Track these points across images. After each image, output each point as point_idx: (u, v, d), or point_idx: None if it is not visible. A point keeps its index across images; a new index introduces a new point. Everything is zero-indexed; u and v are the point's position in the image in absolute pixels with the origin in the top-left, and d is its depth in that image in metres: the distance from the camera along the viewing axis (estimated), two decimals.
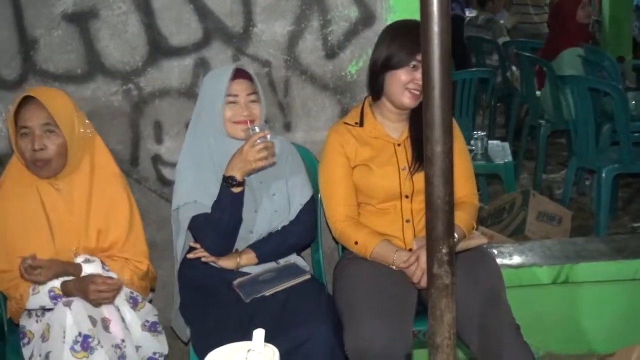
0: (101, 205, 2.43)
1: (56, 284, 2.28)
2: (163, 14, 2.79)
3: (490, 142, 4.77)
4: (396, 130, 2.55)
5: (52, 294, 2.27)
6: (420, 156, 2.46)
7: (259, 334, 1.29)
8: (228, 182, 2.40)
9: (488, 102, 6.87)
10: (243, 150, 2.36)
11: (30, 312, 2.36)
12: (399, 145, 2.53)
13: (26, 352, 2.34)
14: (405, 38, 2.42)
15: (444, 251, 1.23)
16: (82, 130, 2.42)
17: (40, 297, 2.27)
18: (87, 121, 2.51)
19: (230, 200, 2.41)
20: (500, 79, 6.82)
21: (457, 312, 1.24)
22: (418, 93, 2.39)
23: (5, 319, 2.48)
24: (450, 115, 1.17)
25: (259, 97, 2.54)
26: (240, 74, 2.51)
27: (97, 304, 2.26)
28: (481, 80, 6.05)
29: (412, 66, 2.39)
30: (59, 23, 2.77)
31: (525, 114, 6.52)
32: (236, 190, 2.41)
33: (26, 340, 2.35)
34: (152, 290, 2.70)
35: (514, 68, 6.87)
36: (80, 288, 2.26)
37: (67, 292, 2.27)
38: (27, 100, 2.34)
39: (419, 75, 2.38)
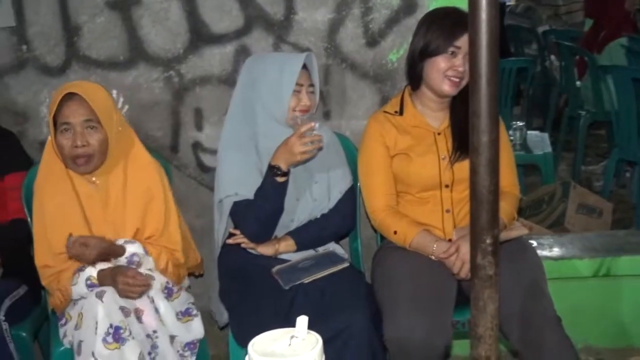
0: (136, 198, 2.43)
1: (93, 272, 2.29)
2: (205, 1, 2.80)
3: (528, 132, 4.72)
4: (436, 118, 2.53)
5: (89, 282, 2.28)
6: (460, 145, 2.44)
7: (302, 320, 1.29)
8: (273, 170, 2.40)
9: (526, 92, 6.78)
10: (289, 141, 2.37)
11: None
12: (438, 133, 2.51)
13: (61, 331, 2.40)
14: (443, 24, 2.39)
15: (488, 241, 1.22)
16: (120, 128, 2.42)
17: (79, 287, 2.28)
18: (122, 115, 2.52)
19: (274, 188, 2.42)
20: (538, 68, 6.72)
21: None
22: (457, 80, 2.37)
23: (48, 299, 2.52)
24: (496, 105, 1.16)
25: (316, 88, 2.54)
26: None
27: (123, 295, 2.26)
28: (519, 69, 5.97)
29: (450, 52, 2.37)
30: (102, 10, 2.80)
31: (563, 104, 6.42)
32: (280, 179, 2.41)
33: (63, 321, 2.39)
34: (199, 275, 2.71)
35: (553, 57, 6.77)
36: (112, 277, 2.27)
37: (102, 280, 2.28)
38: (67, 95, 2.32)
39: (457, 61, 2.36)
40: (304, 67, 2.50)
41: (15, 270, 2.58)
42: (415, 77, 2.49)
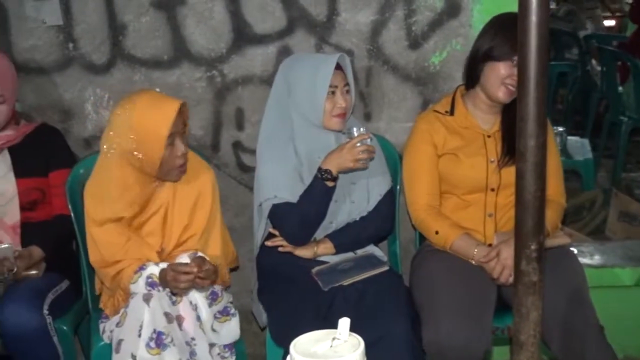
0: (187, 201, 2.43)
1: (155, 270, 2.29)
2: (248, 1, 2.81)
3: (568, 137, 4.65)
4: (487, 121, 2.51)
5: (150, 280, 2.28)
6: (510, 149, 2.42)
7: (345, 322, 1.29)
8: (323, 174, 2.41)
9: (567, 97, 6.69)
10: (344, 147, 2.38)
11: None
12: (488, 136, 2.49)
13: (101, 326, 2.44)
14: (512, 31, 2.37)
15: (533, 247, 1.20)
16: None
17: (138, 285, 2.29)
18: None
19: (322, 192, 2.43)
20: (579, 73, 6.62)
21: None
22: (513, 89, 2.35)
23: (89, 294, 2.56)
24: (544, 109, 1.15)
25: (351, 87, 2.54)
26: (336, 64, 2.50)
27: (173, 289, 2.27)
28: (559, 74, 5.89)
29: (513, 61, 2.34)
30: (147, 9, 2.83)
31: (604, 110, 6.32)
32: (330, 184, 2.42)
33: (104, 317, 2.42)
34: (234, 269, 2.72)
35: (594, 62, 6.67)
36: (164, 277, 2.27)
37: (162, 278, 2.28)
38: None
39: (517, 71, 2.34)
40: (339, 67, 2.49)
41: (58, 265, 2.61)
42: (472, 77, 2.47)
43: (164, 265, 2.31)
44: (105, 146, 2.34)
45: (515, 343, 1.24)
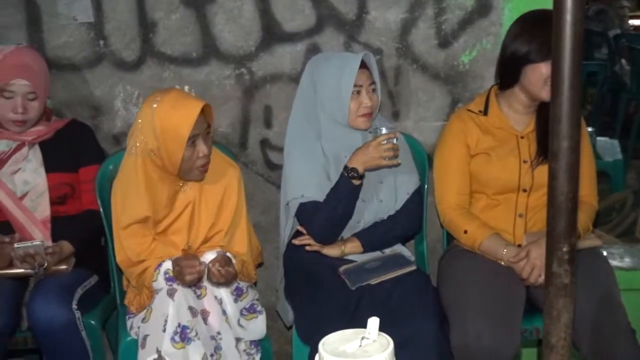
0: (213, 198, 2.44)
1: (169, 265, 2.31)
2: None
3: (597, 138, 4.59)
4: (521, 122, 2.49)
5: (167, 275, 2.30)
6: (544, 150, 2.39)
7: (374, 322, 1.29)
8: (349, 172, 2.41)
9: (596, 97, 6.61)
10: (370, 145, 2.38)
11: None
12: (522, 137, 2.47)
13: (128, 322, 2.45)
14: (547, 30, 2.34)
15: (565, 249, 1.19)
16: None
17: (158, 282, 2.30)
18: None
19: (348, 190, 2.43)
20: (608, 72, 6.54)
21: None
22: None
23: (117, 289, 2.58)
24: (578, 110, 1.13)
25: (377, 86, 2.53)
26: (361, 63, 2.49)
27: (181, 283, 2.27)
28: (589, 73, 5.82)
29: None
30: (177, 7, 2.84)
31: (633, 110, 6.23)
32: (356, 182, 2.42)
33: (131, 313, 2.44)
34: (259, 264, 2.73)
35: (624, 62, 6.58)
36: (176, 269, 2.28)
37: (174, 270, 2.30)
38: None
39: None
40: (365, 66, 2.49)
41: (87, 260, 2.64)
42: (509, 79, 2.44)
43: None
44: (130, 144, 2.36)
45: (545, 346, 1.23)
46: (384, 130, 2.41)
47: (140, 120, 2.31)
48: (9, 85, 2.55)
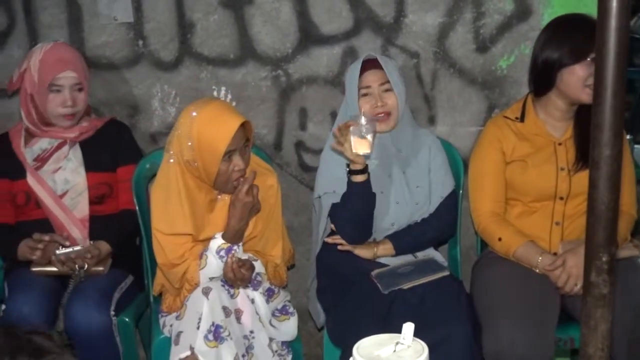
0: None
1: (218, 242, 2.31)
2: (315, 1, 2.82)
3: (635, 146, 4.51)
4: (558, 128, 2.47)
5: (222, 251, 2.30)
6: (583, 157, 2.37)
7: (409, 327, 1.28)
8: (347, 171, 2.43)
9: (634, 104, 6.50)
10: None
11: None
12: (559, 144, 2.44)
13: (161, 320, 2.48)
14: (579, 30, 2.33)
15: (604, 259, 1.17)
16: None
17: (208, 268, 2.30)
18: None
19: (350, 188, 2.43)
20: None
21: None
22: None
23: (152, 288, 2.61)
24: (621, 118, 1.11)
25: (392, 85, 2.49)
26: (372, 63, 2.50)
27: (254, 201, 2.28)
28: (627, 80, 5.72)
29: (589, 59, 2.29)
30: (215, 8, 2.86)
31: None
32: (354, 178, 2.41)
33: (165, 313, 2.46)
34: (291, 266, 2.73)
35: None
36: (235, 212, 2.29)
37: (231, 236, 2.31)
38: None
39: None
40: (378, 66, 2.47)
41: (123, 260, 2.67)
42: (544, 85, 2.42)
43: (219, 234, 2.33)
44: (169, 150, 2.36)
45: (582, 356, 1.22)
46: (364, 120, 2.32)
47: (178, 129, 2.31)
48: (56, 79, 2.61)
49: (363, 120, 2.32)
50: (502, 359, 2.14)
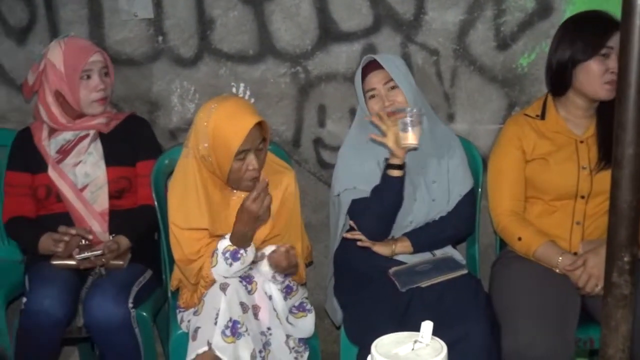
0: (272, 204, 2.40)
1: (225, 243, 2.30)
2: None
3: None
4: (580, 126, 2.45)
5: (228, 252, 2.29)
6: (605, 156, 2.35)
7: (427, 325, 1.27)
8: (385, 164, 2.42)
9: None
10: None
11: None
12: (581, 142, 2.42)
13: (179, 316, 2.49)
14: (591, 26, 2.31)
15: (626, 259, 1.16)
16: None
17: (219, 266, 2.30)
18: None
19: (385, 183, 2.42)
20: None
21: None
22: (614, 84, 2.29)
23: (169, 283, 2.62)
24: None
25: (396, 82, 2.45)
26: (372, 65, 2.48)
27: (260, 213, 2.25)
28: None
29: (602, 54, 2.28)
30: (235, 4, 2.86)
31: None
32: (392, 173, 2.40)
33: (182, 308, 2.47)
34: (309, 263, 2.73)
35: None
36: (242, 218, 2.25)
37: (237, 239, 2.29)
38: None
39: (612, 63, 2.28)
40: (380, 67, 2.46)
41: (142, 255, 2.68)
42: (560, 85, 2.41)
43: (228, 234, 2.32)
44: (187, 145, 2.37)
45: (602, 357, 1.21)
46: (409, 112, 2.31)
47: (196, 124, 2.32)
48: (87, 64, 2.66)
49: (410, 112, 2.32)
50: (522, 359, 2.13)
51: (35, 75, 2.71)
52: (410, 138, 2.31)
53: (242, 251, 2.29)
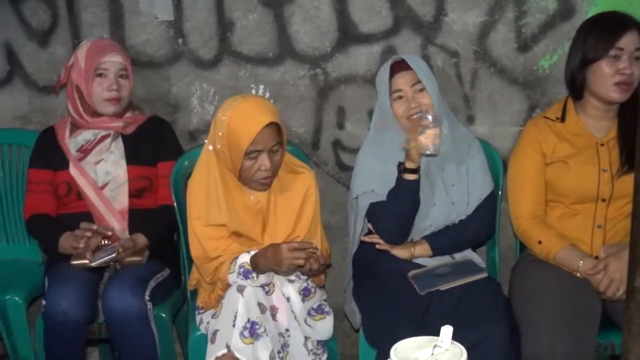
0: (290, 210, 2.42)
1: (246, 258, 2.31)
2: (355, 0, 2.81)
3: None
4: (600, 128, 2.42)
5: (242, 269, 2.31)
6: (628, 159, 2.32)
7: (447, 330, 1.26)
8: (399, 168, 2.40)
9: None
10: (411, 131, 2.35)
11: None
12: (601, 144, 2.40)
13: (198, 317, 2.49)
14: (601, 26, 2.30)
15: None
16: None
17: (233, 276, 2.32)
18: None
19: (400, 187, 2.41)
20: None
21: None
22: (626, 85, 2.26)
23: (188, 285, 2.62)
24: None
25: (424, 85, 2.44)
26: (401, 65, 2.46)
27: (289, 266, 2.24)
28: None
29: (612, 55, 2.26)
30: (255, 6, 2.87)
31: None
32: (407, 177, 2.39)
33: (201, 310, 2.48)
34: (328, 266, 2.73)
35: None
36: (271, 255, 2.25)
37: (256, 262, 2.29)
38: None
39: (622, 64, 2.26)
40: (408, 68, 2.44)
41: (161, 253, 2.69)
42: (576, 88, 2.39)
43: (254, 251, 2.32)
44: (207, 141, 2.39)
45: None
46: (429, 117, 2.32)
47: (216, 118, 2.34)
48: (102, 63, 2.67)
49: (429, 117, 2.31)
50: None
51: (65, 70, 2.74)
52: (428, 144, 2.31)
53: (254, 273, 2.30)
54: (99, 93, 2.68)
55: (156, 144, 2.77)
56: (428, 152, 2.33)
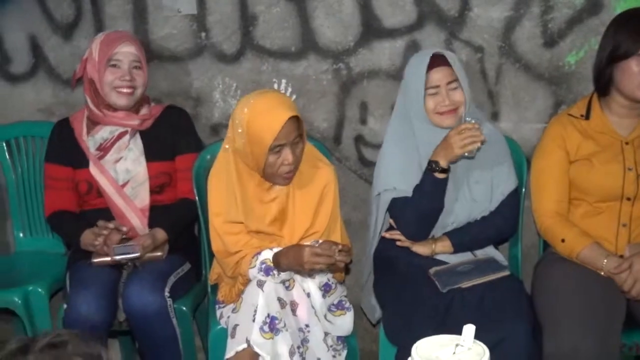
0: (309, 204, 2.42)
1: (269, 255, 2.31)
2: None
3: None
4: (626, 126, 2.39)
5: (264, 265, 2.30)
6: None
7: (469, 329, 1.25)
8: (431, 166, 2.37)
9: None
10: (448, 137, 2.33)
11: None
12: (626, 143, 2.36)
13: (218, 312, 2.49)
14: (633, 23, 2.26)
15: None
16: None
17: (255, 270, 2.31)
18: None
19: (432, 185, 2.38)
20: None
21: None
22: None
23: (209, 279, 2.63)
24: None
25: (460, 83, 2.44)
26: (438, 60, 2.44)
27: (308, 270, 2.25)
28: None
29: None
30: (278, 1, 2.86)
31: None
32: (439, 175, 2.37)
33: (222, 304, 2.48)
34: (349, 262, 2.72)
35: None
36: (293, 256, 2.24)
37: (278, 260, 2.28)
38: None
39: None
40: (445, 63, 2.42)
41: (181, 248, 2.70)
42: (603, 83, 2.36)
43: (278, 248, 2.32)
44: (227, 137, 2.39)
45: None
46: (468, 120, 2.33)
47: (234, 117, 2.33)
48: (115, 54, 2.66)
49: (468, 118, 2.33)
50: None
51: (81, 64, 2.75)
52: (473, 148, 2.33)
53: (275, 271, 2.29)
54: (111, 81, 2.66)
55: (174, 137, 2.75)
56: (467, 155, 2.34)
